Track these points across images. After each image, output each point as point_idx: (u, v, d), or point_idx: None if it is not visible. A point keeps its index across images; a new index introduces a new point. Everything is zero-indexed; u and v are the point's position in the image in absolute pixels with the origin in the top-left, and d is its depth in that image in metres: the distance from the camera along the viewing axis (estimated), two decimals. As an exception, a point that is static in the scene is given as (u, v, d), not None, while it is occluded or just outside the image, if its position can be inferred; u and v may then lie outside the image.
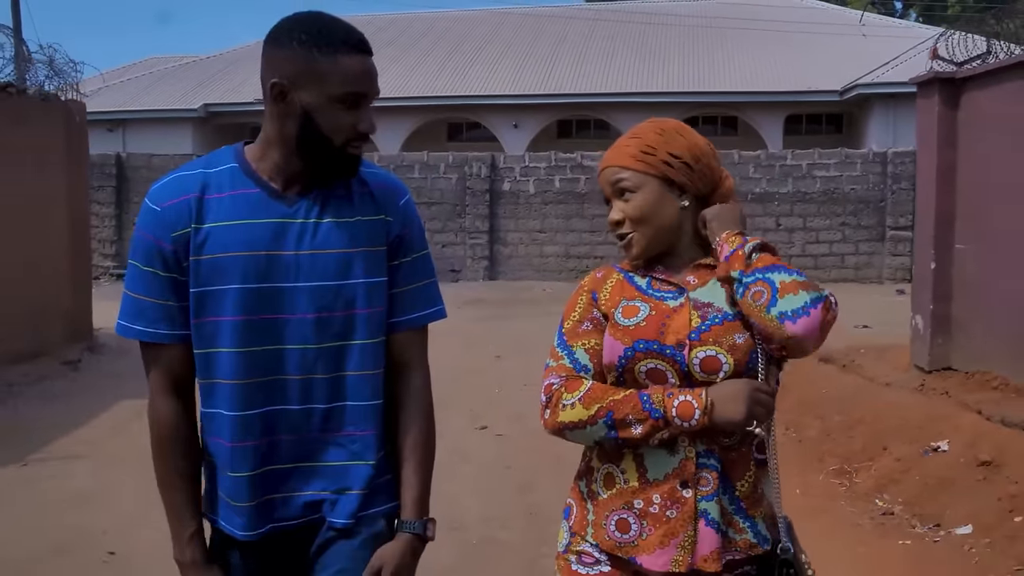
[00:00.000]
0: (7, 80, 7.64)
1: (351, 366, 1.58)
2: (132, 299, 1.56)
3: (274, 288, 1.53)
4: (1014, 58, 6.62)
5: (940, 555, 3.70)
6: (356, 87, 1.51)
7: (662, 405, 1.52)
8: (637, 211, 1.62)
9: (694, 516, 1.53)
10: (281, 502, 1.59)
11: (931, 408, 5.35)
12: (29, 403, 6.82)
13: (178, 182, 1.55)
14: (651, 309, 1.60)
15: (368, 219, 1.59)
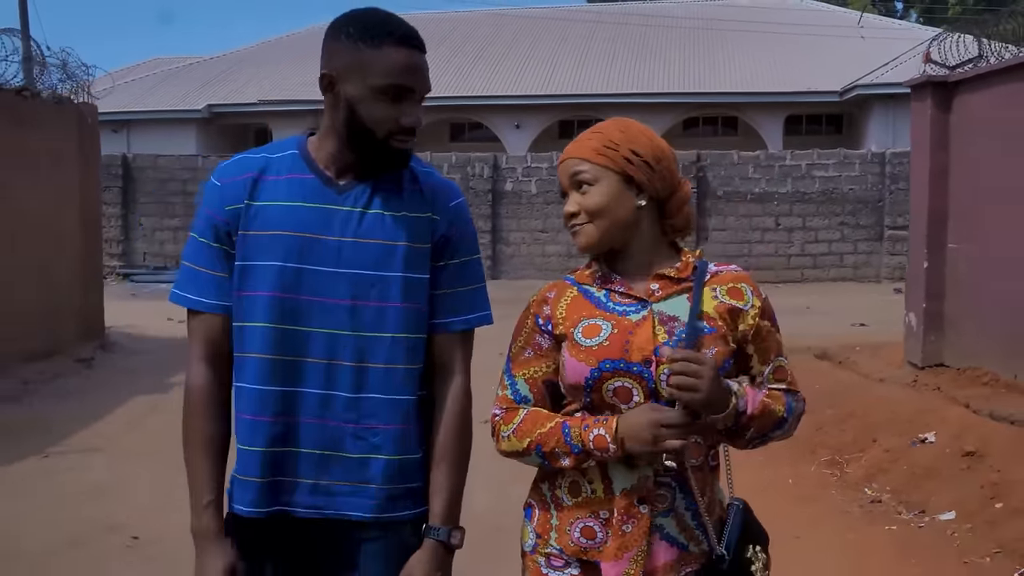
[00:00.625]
0: (22, 84, 7.82)
1: (379, 358, 1.58)
2: (187, 268, 1.62)
3: (313, 271, 1.56)
4: (1004, 62, 6.79)
5: (924, 540, 3.88)
6: (398, 79, 1.53)
7: (579, 440, 1.52)
8: (593, 204, 1.59)
9: (648, 532, 1.53)
10: (292, 486, 1.58)
11: (920, 402, 5.53)
12: (45, 400, 7.01)
13: (242, 162, 1.63)
14: (613, 326, 1.57)
15: (415, 215, 1.61)
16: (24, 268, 7.79)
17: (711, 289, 1.60)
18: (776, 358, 1.63)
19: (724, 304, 1.58)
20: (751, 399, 1.53)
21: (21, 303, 7.67)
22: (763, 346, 1.61)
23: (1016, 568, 3.46)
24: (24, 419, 6.35)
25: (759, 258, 16.53)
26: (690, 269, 1.61)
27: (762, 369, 1.61)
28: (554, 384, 1.63)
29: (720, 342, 1.55)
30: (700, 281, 1.59)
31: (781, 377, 1.63)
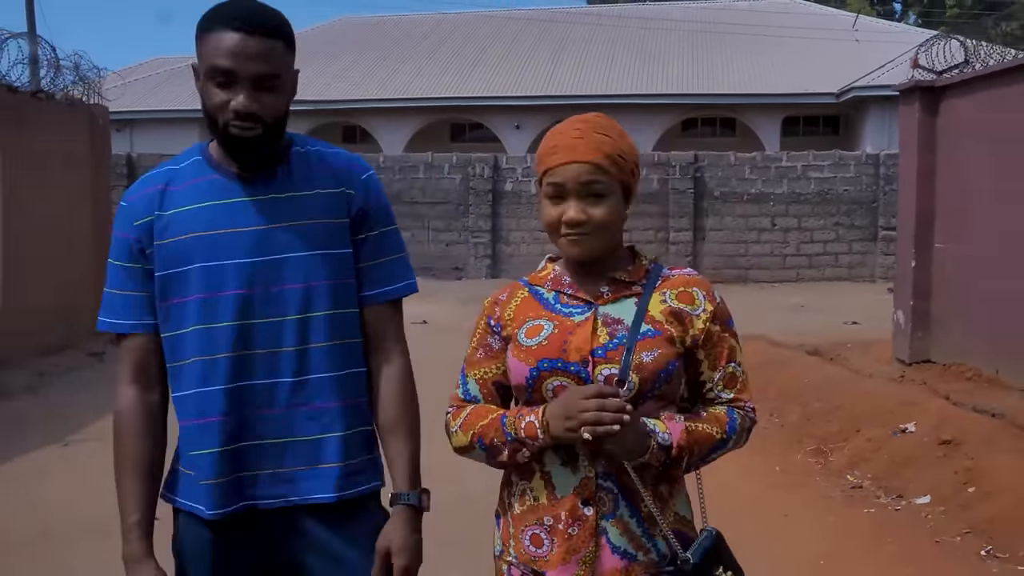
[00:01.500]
0: (30, 86, 8.05)
1: (316, 338, 1.58)
2: (107, 294, 1.63)
3: (236, 264, 1.56)
4: (989, 68, 7.02)
5: (899, 521, 4.12)
6: (217, 62, 1.49)
7: (513, 427, 1.53)
8: (605, 217, 1.54)
9: (595, 533, 1.52)
10: (252, 480, 1.58)
11: (903, 395, 5.77)
12: (60, 391, 7.25)
13: (146, 180, 1.64)
14: (555, 326, 1.56)
15: (328, 191, 1.61)
16: (39, 266, 8.03)
17: (660, 293, 1.58)
18: (728, 364, 1.58)
19: (671, 307, 1.56)
20: (673, 431, 1.50)
21: (36, 299, 7.90)
22: (714, 351, 1.57)
23: (984, 546, 3.70)
24: (42, 409, 6.59)
25: (755, 258, 16.75)
26: (642, 273, 1.60)
27: (712, 375, 1.58)
28: (505, 386, 1.63)
29: (665, 344, 1.53)
30: (651, 285, 1.58)
31: (731, 385, 1.59)
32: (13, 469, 5.20)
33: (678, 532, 1.55)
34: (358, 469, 1.62)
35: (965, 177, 7.21)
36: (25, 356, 7.61)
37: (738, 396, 1.59)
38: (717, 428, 1.54)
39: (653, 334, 1.53)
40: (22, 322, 7.60)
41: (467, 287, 15.34)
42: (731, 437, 1.56)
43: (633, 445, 1.47)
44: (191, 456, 1.59)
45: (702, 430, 1.53)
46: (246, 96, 1.50)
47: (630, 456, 1.48)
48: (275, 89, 1.53)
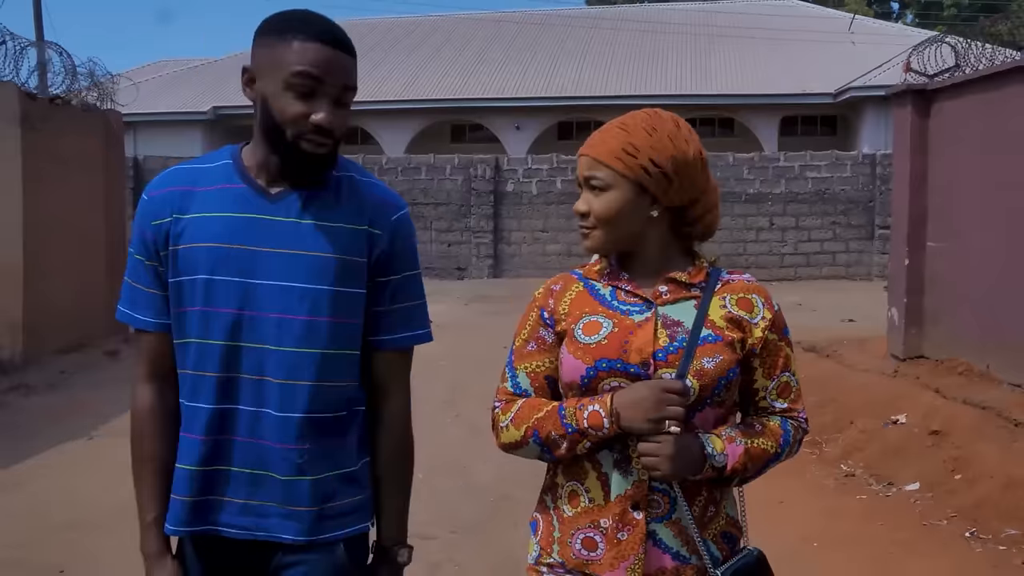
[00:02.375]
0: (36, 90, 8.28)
1: (308, 375, 1.50)
2: (128, 286, 1.58)
3: (241, 283, 1.49)
4: (978, 72, 7.24)
5: (889, 506, 4.36)
6: (306, 67, 1.44)
7: (574, 418, 1.49)
8: (604, 211, 1.53)
9: (643, 539, 1.49)
10: (222, 505, 1.52)
11: (895, 389, 6.01)
12: (82, 388, 7.48)
13: (172, 174, 1.57)
14: (614, 325, 1.53)
15: (352, 227, 1.53)
16: (58, 267, 8.26)
17: (720, 298, 1.55)
18: (782, 374, 1.57)
19: (732, 314, 1.54)
20: (731, 456, 1.49)
21: (55, 300, 8.13)
22: (770, 360, 1.55)
23: (968, 528, 3.93)
24: (65, 405, 6.82)
25: (753, 257, 16.98)
26: (702, 275, 1.57)
27: (766, 383, 1.56)
28: (556, 380, 1.59)
29: (726, 350, 1.50)
30: (711, 288, 1.55)
31: (785, 394, 1.57)
32: (43, 461, 5.43)
33: (726, 534, 1.56)
34: (339, 512, 1.55)
35: (956, 178, 7.43)
36: (45, 354, 7.85)
37: (792, 406, 1.58)
38: (772, 443, 1.54)
39: (714, 339, 1.50)
40: (43, 322, 7.83)
41: (469, 287, 15.59)
42: (784, 450, 1.56)
43: (688, 466, 1.46)
44: (177, 469, 1.55)
45: (758, 447, 1.51)
46: (329, 110, 1.46)
47: (682, 476, 1.47)
48: (348, 105, 1.51)
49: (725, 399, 1.52)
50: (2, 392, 6.92)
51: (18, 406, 6.75)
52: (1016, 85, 6.59)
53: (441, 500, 4.46)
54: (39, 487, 4.92)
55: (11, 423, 6.31)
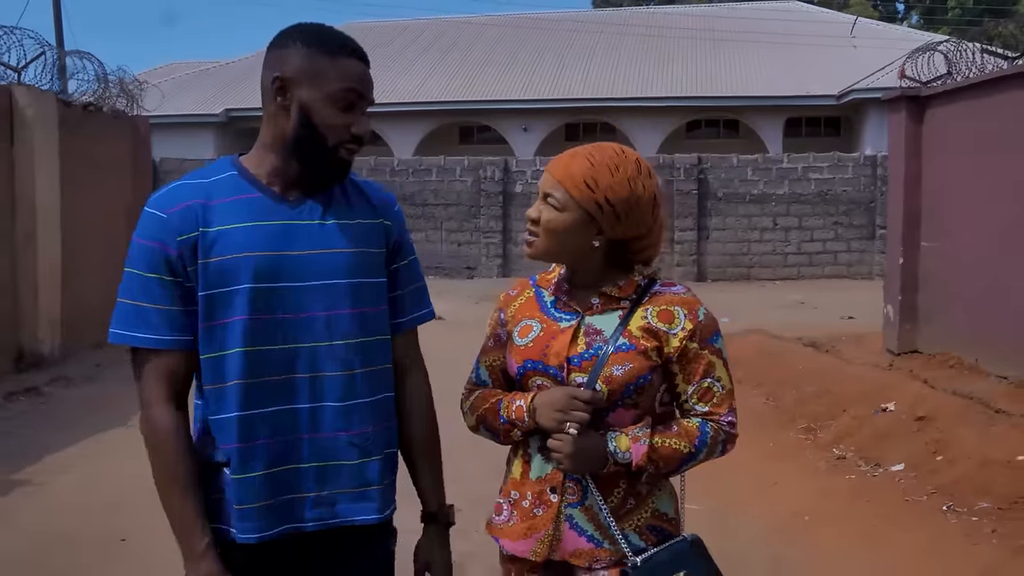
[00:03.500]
0: (89, 100, 8.70)
1: (359, 364, 1.59)
2: (131, 306, 1.52)
3: (284, 287, 1.54)
4: (969, 80, 7.58)
5: (875, 485, 4.72)
6: (354, 85, 1.56)
7: (506, 411, 1.70)
8: (550, 224, 1.66)
9: (556, 518, 1.67)
10: (298, 503, 1.57)
11: (885, 379, 6.36)
12: (115, 381, 7.86)
13: (181, 190, 1.56)
14: (542, 330, 1.70)
15: (368, 222, 1.64)
16: (91, 267, 8.67)
17: (644, 309, 1.67)
18: (703, 379, 1.66)
19: (650, 325, 1.66)
20: (635, 454, 1.61)
21: (89, 297, 8.54)
22: (689, 367, 1.65)
23: (945, 503, 4.30)
24: (103, 395, 7.22)
25: (757, 256, 17.31)
26: (632, 288, 1.70)
27: (687, 388, 1.67)
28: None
29: (638, 358, 1.63)
30: (638, 301, 1.69)
31: (706, 399, 1.66)
32: (88, 446, 5.82)
33: (652, 527, 1.68)
34: (390, 490, 1.67)
35: (948, 180, 7.76)
36: (81, 349, 8.27)
37: (713, 410, 1.67)
38: (686, 443, 1.64)
39: (627, 348, 1.63)
40: (78, 318, 8.23)
41: (479, 286, 15.94)
42: (701, 450, 1.64)
43: (589, 462, 1.62)
44: (233, 481, 1.54)
45: (669, 446, 1.63)
46: (366, 121, 1.59)
47: (585, 470, 1.64)
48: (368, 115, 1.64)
49: (639, 402, 1.65)
50: (45, 384, 7.33)
51: (60, 397, 7.16)
52: (1004, 92, 6.92)
53: (463, 478, 4.80)
54: (89, 469, 5.31)
55: (55, 412, 6.71)
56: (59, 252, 7.96)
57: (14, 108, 7.51)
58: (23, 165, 7.62)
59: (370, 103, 1.61)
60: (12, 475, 5.09)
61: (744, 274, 17.11)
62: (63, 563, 3.87)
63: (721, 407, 1.67)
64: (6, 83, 7.67)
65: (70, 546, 4.04)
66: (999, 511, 4.05)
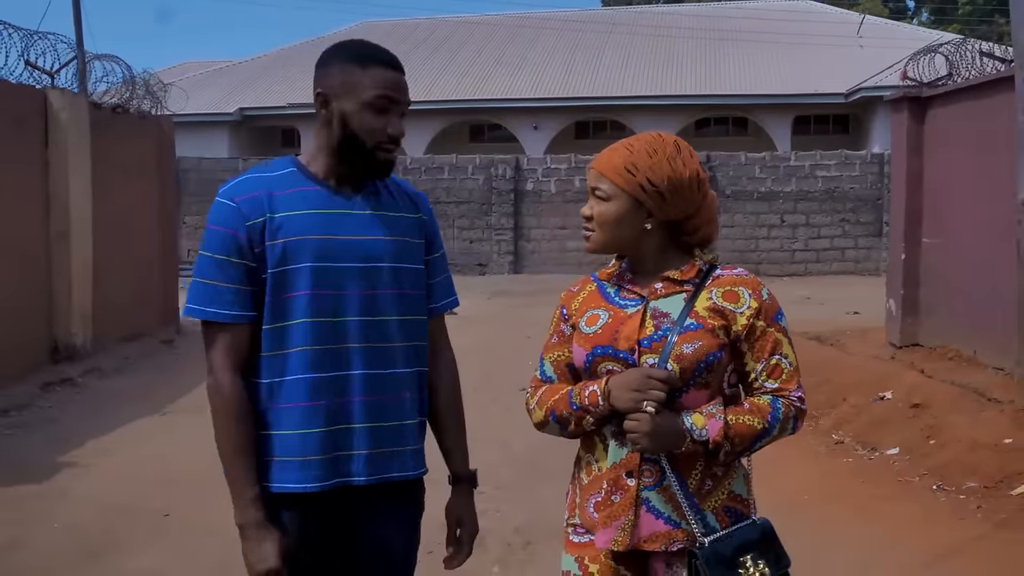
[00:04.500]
0: (117, 103, 9.03)
1: (401, 338, 1.81)
2: (205, 285, 1.73)
3: (338, 267, 1.74)
4: (969, 81, 7.82)
5: (871, 467, 5.00)
6: (384, 91, 1.74)
7: (578, 397, 1.71)
8: (602, 217, 1.74)
9: (635, 503, 1.67)
10: (347, 459, 1.75)
11: (884, 370, 6.64)
12: (146, 372, 8.23)
13: (248, 182, 1.78)
14: (609, 317, 1.74)
15: (410, 216, 1.87)
16: (119, 263, 9.01)
17: (708, 291, 1.72)
18: (771, 356, 1.68)
19: (716, 304, 1.70)
20: (711, 430, 1.62)
21: (118, 293, 8.89)
22: (758, 345, 1.68)
23: (936, 483, 4.58)
24: (135, 386, 7.57)
25: (765, 253, 17.54)
26: (694, 272, 1.74)
27: (755, 366, 1.69)
28: (576, 367, 1.80)
29: (707, 336, 1.66)
30: (702, 284, 1.73)
31: (775, 375, 1.68)
32: (126, 433, 6.15)
33: (728, 508, 1.69)
34: (421, 454, 1.86)
35: (948, 178, 7.99)
36: (111, 342, 8.61)
37: (784, 386, 1.68)
38: (759, 419, 1.65)
39: (695, 327, 1.67)
40: (108, 313, 8.57)
41: (491, 282, 16.25)
42: (774, 426, 1.66)
43: (667, 441, 1.63)
44: (294, 437, 1.73)
45: (743, 423, 1.63)
46: (400, 122, 1.78)
47: (663, 449, 1.64)
48: (403, 117, 1.82)
49: (710, 381, 1.67)
50: (79, 375, 7.67)
51: (94, 387, 7.50)
52: (1003, 93, 7.14)
53: (484, 464, 5.07)
54: (129, 453, 5.63)
55: (90, 401, 7.05)
56: (90, 250, 8.29)
57: (48, 111, 7.83)
58: (57, 166, 7.95)
59: (405, 105, 1.79)
60: (59, 458, 5.42)
61: (752, 271, 16.75)
62: (120, 533, 4.20)
63: (790, 383, 1.69)
64: (41, 87, 7.99)
65: (122, 518, 4.36)
66: (985, 489, 4.33)
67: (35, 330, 7.77)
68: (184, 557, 3.93)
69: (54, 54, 8.06)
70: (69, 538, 4.13)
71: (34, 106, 7.73)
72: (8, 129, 7.40)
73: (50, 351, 7.91)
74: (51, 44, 8.01)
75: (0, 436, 5.99)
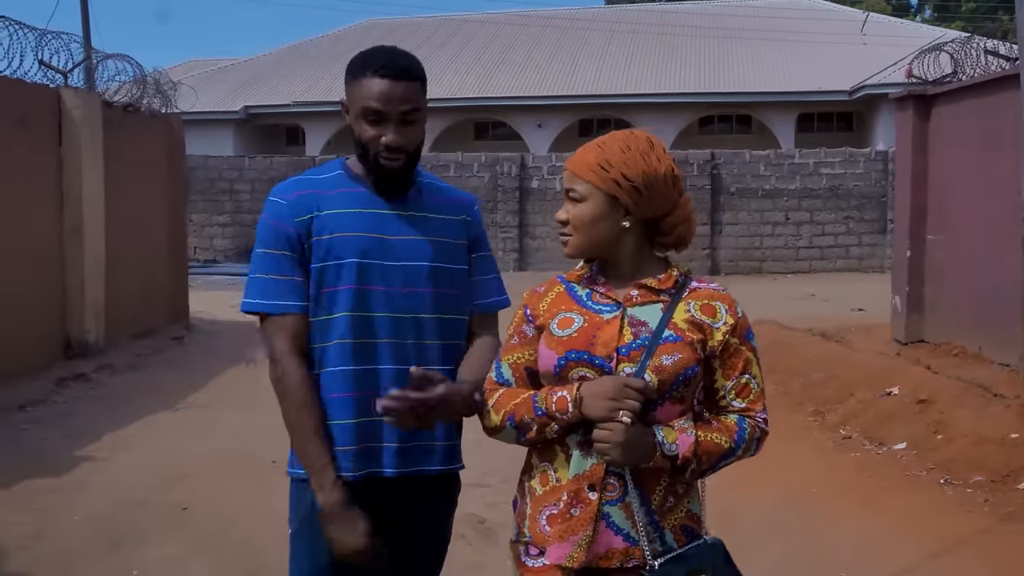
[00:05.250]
0: (128, 101, 9.11)
1: (436, 336, 1.85)
2: (262, 279, 1.81)
3: (380, 264, 1.81)
4: (973, 80, 7.87)
5: (879, 461, 5.07)
6: (369, 104, 1.77)
7: (544, 403, 1.63)
8: (578, 219, 1.68)
9: (594, 517, 1.59)
10: (380, 451, 1.80)
11: (890, 366, 6.71)
12: (158, 368, 8.31)
13: (298, 182, 1.88)
14: (585, 321, 1.66)
15: (452, 218, 1.91)
16: (130, 261, 9.09)
17: (686, 303, 1.67)
18: (741, 375, 1.65)
19: (694, 318, 1.65)
20: (682, 445, 1.58)
21: (128, 290, 8.97)
22: (729, 362, 1.65)
23: (943, 477, 4.64)
24: (148, 382, 7.65)
25: (770, 250, 17.59)
26: (671, 282, 1.69)
27: (725, 383, 1.66)
28: (535, 372, 1.72)
29: (686, 349, 1.61)
30: (679, 294, 1.68)
31: (743, 395, 1.65)
32: (141, 428, 6.22)
33: (685, 527, 1.65)
34: (454, 450, 1.90)
35: (953, 176, 8.05)
36: (122, 339, 8.70)
37: (750, 406, 1.66)
38: (726, 438, 1.62)
39: (674, 339, 1.62)
40: (119, 310, 8.66)
41: (497, 279, 16.33)
42: (739, 446, 1.63)
43: (637, 454, 1.57)
44: (334, 426, 1.79)
45: (711, 440, 1.61)
46: (394, 132, 1.79)
47: (632, 463, 1.58)
48: (416, 122, 1.82)
49: (684, 395, 1.63)
50: (92, 371, 7.75)
51: (107, 383, 7.59)
52: (1006, 91, 7.19)
53: (492, 457, 5.18)
54: (145, 447, 5.71)
55: (104, 397, 7.13)
56: (103, 247, 8.37)
57: (62, 109, 7.92)
58: (71, 164, 8.03)
59: (402, 113, 1.78)
60: (76, 451, 5.51)
61: (756, 268, 17.40)
62: (140, 525, 4.27)
63: (757, 404, 1.67)
64: (54, 86, 8.07)
65: (141, 511, 4.44)
66: (991, 483, 4.39)
67: (49, 326, 7.85)
68: (205, 548, 4.01)
69: (67, 53, 8.13)
70: (90, 529, 4.21)
71: (48, 105, 7.82)
72: (22, 127, 7.48)
73: (64, 347, 8.00)
74: (64, 43, 8.09)
75: (17, 430, 6.07)
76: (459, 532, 4.23)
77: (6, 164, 7.22)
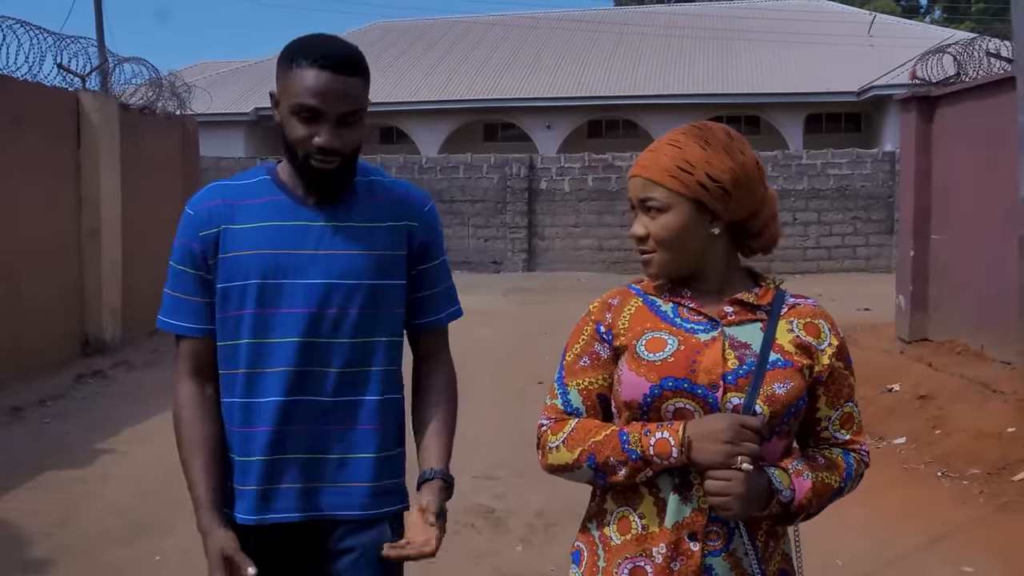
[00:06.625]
0: (144, 103, 9.30)
1: (358, 362, 1.62)
2: (169, 296, 1.66)
3: (291, 284, 1.59)
4: (976, 81, 7.97)
5: (878, 455, 5.15)
6: (304, 100, 1.53)
7: (639, 445, 1.40)
8: (662, 233, 1.45)
9: (698, 570, 1.41)
10: (284, 492, 1.61)
11: (894, 363, 6.82)
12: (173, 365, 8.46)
13: (213, 190, 1.67)
14: (679, 343, 1.44)
15: (391, 225, 1.66)
16: (144, 261, 9.26)
17: (787, 322, 1.48)
18: (847, 404, 1.50)
19: (800, 339, 1.46)
20: (798, 491, 1.40)
21: (143, 289, 9.13)
22: (835, 389, 1.48)
23: (940, 470, 4.75)
24: (164, 378, 7.69)
25: (777, 251, 17.12)
26: (769, 296, 1.50)
27: (829, 413, 1.48)
28: (608, 399, 1.51)
29: (796, 376, 1.42)
30: (777, 311, 1.48)
31: (847, 425, 1.50)
32: (157, 423, 6.36)
33: (782, 571, 1.50)
34: (385, 491, 1.67)
35: (956, 176, 8.16)
36: (137, 337, 8.87)
37: (855, 438, 1.51)
38: (836, 477, 1.46)
39: (784, 364, 1.42)
40: (136, 308, 8.84)
41: (505, 279, 16.46)
42: (847, 484, 1.48)
43: (754, 504, 1.37)
44: (235, 462, 1.63)
45: (823, 481, 1.43)
46: (329, 133, 1.54)
47: (751, 514, 1.39)
48: (356, 124, 1.58)
49: (791, 429, 1.46)
50: (109, 368, 7.94)
51: (124, 379, 7.76)
52: (1009, 93, 7.30)
53: (501, 451, 5.33)
54: (163, 440, 5.79)
55: (122, 393, 7.30)
56: (120, 248, 8.55)
57: (80, 112, 8.10)
58: (88, 166, 8.21)
59: (342, 112, 1.55)
60: (97, 444, 5.68)
61: (764, 268, 16.85)
62: (161, 514, 4.43)
63: (860, 435, 1.52)
64: (72, 89, 8.26)
65: (162, 501, 4.59)
66: (988, 476, 4.51)
67: (68, 325, 8.04)
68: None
69: (84, 57, 8.31)
70: (113, 518, 4.37)
71: (67, 108, 8.00)
72: (42, 131, 7.67)
73: (82, 345, 8.18)
74: (82, 47, 8.27)
75: (40, 424, 6.24)
76: (468, 522, 4.41)
77: (29, 167, 7.42)
